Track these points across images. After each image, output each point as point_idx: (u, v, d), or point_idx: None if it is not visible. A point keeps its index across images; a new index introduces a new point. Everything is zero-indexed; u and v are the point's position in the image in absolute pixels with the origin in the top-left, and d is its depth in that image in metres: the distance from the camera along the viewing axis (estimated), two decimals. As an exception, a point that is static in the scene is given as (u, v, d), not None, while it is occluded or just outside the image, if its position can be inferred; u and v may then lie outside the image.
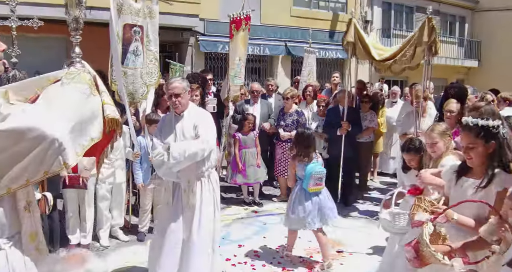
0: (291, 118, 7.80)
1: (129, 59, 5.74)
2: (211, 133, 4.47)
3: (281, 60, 16.86)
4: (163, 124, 4.65)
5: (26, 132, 1.94)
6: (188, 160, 4.26)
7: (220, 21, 14.81)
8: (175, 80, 4.53)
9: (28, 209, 2.26)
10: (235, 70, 7.79)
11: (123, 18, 5.60)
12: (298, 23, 16.87)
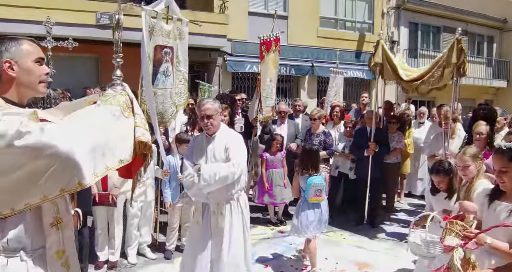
0: (318, 139, 7.79)
1: (159, 80, 5.84)
2: (242, 156, 4.48)
3: (307, 80, 16.92)
4: (195, 145, 4.66)
5: (42, 149, 1.92)
6: (218, 183, 4.26)
7: (247, 41, 15.03)
8: (207, 101, 4.55)
9: (56, 226, 2.25)
10: (267, 91, 7.85)
11: (154, 40, 5.72)
12: (324, 43, 16.95)
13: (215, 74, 14.91)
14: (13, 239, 2.15)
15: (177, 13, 6.07)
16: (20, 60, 2.20)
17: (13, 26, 11.09)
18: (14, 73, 2.19)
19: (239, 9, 15.15)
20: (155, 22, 5.70)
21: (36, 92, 2.31)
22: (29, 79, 2.23)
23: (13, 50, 2.20)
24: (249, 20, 15.49)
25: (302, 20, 16.37)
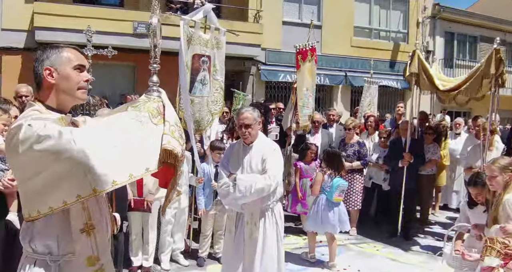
0: (352, 149, 7.74)
1: (197, 88, 5.92)
2: (279, 168, 4.40)
3: (340, 90, 16.85)
4: (231, 153, 4.60)
5: (60, 153, 1.94)
6: (254, 196, 4.20)
7: (281, 50, 15.09)
8: (246, 110, 4.49)
9: (87, 232, 2.25)
10: (303, 100, 7.87)
11: (192, 49, 5.81)
12: (358, 53, 16.87)
13: (249, 83, 15.00)
14: (40, 243, 2.19)
15: (215, 23, 6.16)
16: (59, 67, 2.26)
17: (55, 35, 11.47)
18: (53, 80, 2.25)
19: (273, 18, 15.24)
20: (193, 32, 5.79)
21: (75, 99, 2.34)
22: (67, 86, 2.28)
23: (53, 58, 2.27)
24: (283, 29, 15.56)
25: (336, 30, 16.35)
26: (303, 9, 16.30)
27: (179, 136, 2.34)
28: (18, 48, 12.82)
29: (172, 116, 2.36)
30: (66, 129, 2.00)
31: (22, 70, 12.62)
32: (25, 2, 12.64)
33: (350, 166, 7.60)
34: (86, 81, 2.33)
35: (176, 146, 2.27)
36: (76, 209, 2.19)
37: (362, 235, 7.70)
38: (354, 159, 7.66)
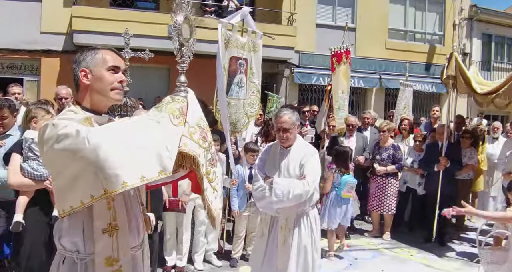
0: (387, 152, 7.66)
1: (233, 90, 5.97)
2: (317, 174, 4.27)
3: (374, 92, 16.69)
4: (267, 155, 4.51)
5: (75, 152, 1.95)
6: (291, 201, 4.10)
7: (314, 53, 15.05)
8: (285, 113, 4.33)
9: (110, 232, 2.22)
10: (339, 103, 7.84)
11: (230, 51, 5.86)
12: (393, 55, 16.67)
13: (282, 85, 15.02)
14: (68, 240, 2.24)
15: (252, 26, 6.20)
16: (94, 68, 2.30)
17: (93, 38, 11.72)
18: (88, 81, 2.30)
19: (307, 21, 15.21)
20: (231, 35, 5.84)
21: (108, 99, 2.34)
22: (101, 86, 2.30)
23: (89, 59, 2.31)
24: (317, 32, 15.53)
25: (370, 32, 16.21)
26: (337, 12, 16.23)
27: (199, 139, 2.26)
28: (57, 51, 13.15)
29: (195, 117, 2.30)
30: (84, 129, 2.01)
31: (60, 72, 12.95)
32: (64, 6, 12.98)
33: (384, 170, 7.53)
34: (120, 82, 2.34)
35: (193, 148, 2.20)
36: (100, 209, 2.18)
37: (396, 239, 7.61)
38: (389, 162, 7.58)
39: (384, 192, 7.61)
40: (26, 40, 12.79)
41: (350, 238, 7.56)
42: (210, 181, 2.35)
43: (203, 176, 2.28)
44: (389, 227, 7.78)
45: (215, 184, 2.40)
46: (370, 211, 8.00)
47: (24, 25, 12.74)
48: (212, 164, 2.35)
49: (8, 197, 4.23)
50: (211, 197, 2.36)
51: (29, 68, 13.47)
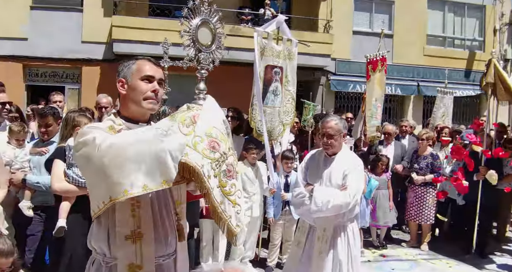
0: (425, 161, 7.50)
1: (269, 98, 5.99)
2: (360, 186, 4.19)
3: (412, 100, 16.41)
4: (311, 163, 4.44)
5: (88, 158, 2.05)
6: (330, 211, 4.03)
7: (351, 60, 14.95)
8: (332, 119, 4.29)
9: (133, 239, 2.23)
10: (372, 111, 7.76)
11: (265, 60, 5.89)
12: (431, 62, 16.37)
13: (318, 93, 14.95)
14: (96, 244, 2.30)
15: (287, 34, 6.22)
16: (129, 78, 2.36)
17: (132, 47, 12.01)
18: (124, 91, 2.38)
19: (344, 28, 15.14)
20: (266, 43, 5.86)
21: (141, 108, 2.37)
22: (134, 96, 2.35)
23: (125, 70, 2.38)
24: (353, 39, 15.42)
25: (408, 38, 15.98)
26: (373, 18, 16.08)
27: (205, 149, 2.16)
28: (97, 60, 13.49)
29: (205, 126, 2.22)
30: (102, 137, 2.08)
31: (100, 81, 13.28)
32: (104, 15, 13.32)
33: (422, 179, 7.39)
34: (154, 92, 2.36)
35: (194, 159, 2.11)
36: (123, 215, 2.22)
37: (434, 250, 7.43)
38: (427, 171, 7.43)
39: (422, 201, 7.46)
40: (67, 49, 13.19)
41: (387, 247, 7.44)
42: (227, 194, 2.23)
43: (211, 188, 2.15)
44: (427, 237, 7.61)
45: (235, 198, 2.27)
46: (408, 220, 7.84)
47: (66, 34, 13.14)
48: (228, 176, 2.24)
49: (49, 202, 4.34)
50: (230, 212, 2.23)
51: (70, 76, 13.86)
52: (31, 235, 4.63)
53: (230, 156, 2.28)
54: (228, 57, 12.49)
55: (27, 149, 4.81)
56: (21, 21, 12.99)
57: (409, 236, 7.97)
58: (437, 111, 10.28)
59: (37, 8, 13.19)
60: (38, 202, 4.49)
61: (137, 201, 2.22)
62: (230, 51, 12.43)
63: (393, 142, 8.07)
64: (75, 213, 3.97)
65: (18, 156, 4.69)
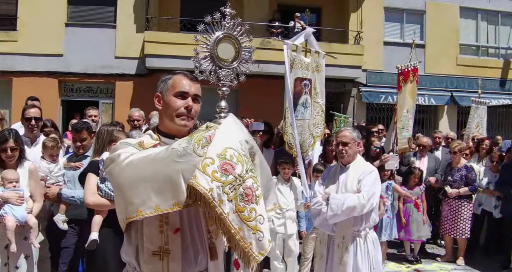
0: (459, 174, 7.32)
1: (299, 111, 5.99)
2: (375, 190, 4.22)
3: (446, 110, 16.13)
4: (328, 174, 4.56)
5: (110, 175, 2.15)
6: (345, 214, 4.07)
7: (382, 71, 14.84)
8: (345, 128, 4.51)
9: (160, 255, 2.22)
10: (403, 122, 7.65)
11: (295, 72, 5.91)
12: (465, 72, 16.09)
13: (350, 105, 14.86)
14: (126, 257, 2.32)
15: (315, 46, 6.23)
16: (164, 94, 2.35)
17: (165, 62, 12.23)
18: (160, 106, 2.38)
19: (374, 39, 15.04)
20: (295, 55, 5.89)
21: (174, 124, 2.33)
22: (168, 112, 2.33)
23: (162, 85, 2.37)
24: (385, 49, 15.31)
25: (440, 48, 15.77)
26: (405, 29, 15.95)
27: (215, 171, 2.04)
28: (130, 75, 13.77)
29: (219, 146, 2.10)
30: (125, 154, 2.12)
31: (133, 95, 13.54)
32: (136, 31, 13.62)
33: (457, 192, 7.21)
34: (186, 108, 2.31)
35: (201, 182, 2.00)
36: (151, 231, 2.21)
37: (470, 265, 7.21)
38: (461, 184, 7.24)
39: (457, 215, 7.27)
40: (101, 64, 13.51)
41: (421, 262, 7.27)
42: (245, 219, 2.08)
43: (224, 213, 2.03)
44: (463, 251, 7.40)
45: (256, 223, 2.10)
46: (443, 234, 7.66)
47: (99, 50, 13.47)
48: (247, 201, 2.09)
49: (83, 215, 4.41)
50: (250, 239, 2.09)
51: (104, 91, 14.17)
52: (65, 248, 4.70)
53: (249, 178, 2.12)
54: (258, 70, 12.69)
55: (61, 163, 4.91)
56: (57, 38, 13.37)
57: (444, 250, 7.78)
58: (472, 122, 10.06)
59: (72, 25, 13.59)
60: (72, 215, 4.56)
61: (165, 217, 2.20)
62: (260, 64, 12.54)
63: (427, 155, 7.92)
64: (107, 227, 4.01)
65: (53, 170, 4.79)
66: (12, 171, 4.26)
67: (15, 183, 4.20)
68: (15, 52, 13.14)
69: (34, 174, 4.44)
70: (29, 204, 4.29)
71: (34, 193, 4.38)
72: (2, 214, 4.07)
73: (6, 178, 4.18)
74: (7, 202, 4.11)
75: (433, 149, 8.38)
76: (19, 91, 12.22)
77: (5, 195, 4.11)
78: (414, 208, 7.15)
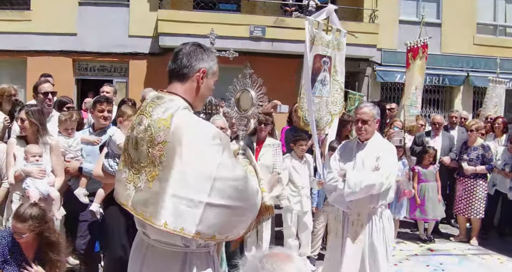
0: (475, 153, 7.27)
1: (317, 88, 5.97)
2: (393, 168, 4.25)
3: (461, 91, 15.93)
4: (344, 150, 4.52)
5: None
6: (363, 192, 4.07)
7: (397, 51, 14.63)
8: (365, 105, 4.42)
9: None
10: (411, 100, 7.60)
11: (315, 49, 5.88)
12: (482, 51, 15.77)
13: (364, 84, 14.73)
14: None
15: (337, 24, 6.18)
16: (210, 75, 2.43)
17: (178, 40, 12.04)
18: (200, 82, 2.42)
19: (390, 17, 14.80)
20: (316, 32, 5.85)
21: (199, 105, 2.55)
22: (204, 93, 2.48)
23: (212, 64, 2.45)
24: (400, 28, 15.08)
25: (457, 27, 15.47)
26: (421, 7, 15.66)
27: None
28: (144, 53, 13.73)
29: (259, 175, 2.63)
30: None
31: (147, 74, 13.53)
32: (150, 10, 13.54)
33: (473, 170, 7.17)
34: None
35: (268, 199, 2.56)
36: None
37: (484, 246, 7.21)
38: (478, 163, 7.20)
39: (471, 194, 7.25)
40: (115, 43, 13.48)
41: (435, 242, 7.29)
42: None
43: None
44: (477, 232, 7.40)
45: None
46: (457, 214, 7.65)
47: (113, 29, 13.43)
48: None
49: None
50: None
51: (118, 70, 14.17)
52: (84, 221, 4.77)
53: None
54: (272, 49, 12.59)
55: (79, 138, 4.96)
56: (70, 17, 13.36)
57: (457, 230, 7.79)
58: (489, 102, 9.95)
59: (86, 4, 13.54)
60: (91, 189, 4.62)
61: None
62: (274, 43, 12.46)
63: (441, 133, 7.87)
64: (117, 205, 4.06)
65: (71, 145, 4.85)
66: (36, 145, 4.36)
67: (38, 158, 4.28)
68: (29, 32, 13.14)
69: (56, 149, 4.51)
70: (51, 178, 4.37)
71: (55, 168, 4.47)
72: (25, 187, 4.16)
73: (29, 152, 4.27)
74: (29, 175, 4.19)
75: (448, 129, 8.33)
76: (33, 70, 12.23)
77: (27, 169, 4.20)
78: (429, 188, 7.14)
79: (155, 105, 2.34)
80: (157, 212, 2.20)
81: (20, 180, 4.21)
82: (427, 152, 7.19)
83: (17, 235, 3.48)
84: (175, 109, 2.29)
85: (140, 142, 2.32)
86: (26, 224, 3.41)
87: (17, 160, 4.30)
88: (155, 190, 2.23)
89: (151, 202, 2.23)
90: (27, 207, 3.51)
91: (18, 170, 4.21)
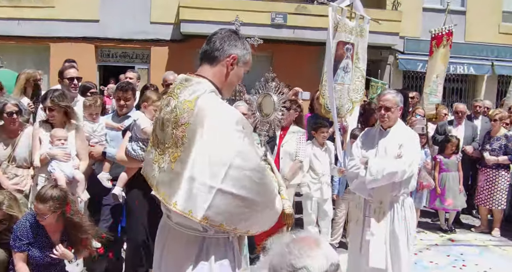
0: (498, 143, 7.17)
1: (339, 75, 5.94)
2: (416, 156, 4.21)
3: (486, 80, 15.67)
4: (366, 137, 4.49)
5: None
6: (385, 179, 4.04)
7: (420, 39, 14.43)
8: (388, 92, 4.37)
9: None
10: (431, 88, 7.51)
11: (338, 36, 5.85)
12: (507, 40, 15.48)
13: (386, 72, 14.58)
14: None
15: (360, 11, 6.12)
16: (241, 63, 2.43)
17: (199, 27, 12.15)
18: (230, 69, 2.41)
19: (413, 5, 14.58)
20: (340, 18, 5.80)
21: (228, 92, 2.55)
22: (233, 82, 2.48)
23: (244, 53, 2.44)
24: (424, 16, 14.84)
25: (482, 15, 15.17)
26: (445, -6, 15.41)
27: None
28: (166, 40, 13.77)
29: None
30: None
31: (169, 61, 13.59)
32: (172, -4, 13.54)
33: (495, 160, 7.07)
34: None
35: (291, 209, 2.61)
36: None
37: (506, 237, 7.14)
38: (500, 153, 7.10)
39: (493, 185, 7.16)
40: (137, 30, 13.54)
41: (456, 232, 7.24)
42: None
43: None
44: (498, 223, 7.32)
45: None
46: (478, 205, 7.58)
47: (135, 16, 13.48)
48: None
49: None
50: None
51: (140, 56, 14.25)
52: (107, 205, 4.81)
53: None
54: (293, 36, 12.51)
55: (103, 123, 5.03)
56: (93, 3, 13.43)
57: (479, 221, 7.71)
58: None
59: (108, -10, 13.61)
60: (115, 174, 4.67)
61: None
62: (295, 30, 12.38)
63: (464, 123, 7.77)
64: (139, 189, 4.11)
65: (96, 130, 4.92)
66: (61, 129, 4.43)
67: (63, 141, 4.35)
68: (51, 18, 13.24)
69: (81, 134, 4.58)
70: (76, 162, 4.44)
71: (80, 152, 4.54)
72: (51, 170, 4.24)
73: (55, 136, 4.34)
74: (54, 158, 4.26)
75: (472, 118, 8.21)
76: (56, 56, 12.35)
77: (52, 152, 4.27)
78: (450, 177, 7.08)
79: (183, 87, 2.35)
80: (174, 192, 2.23)
81: (45, 163, 4.29)
82: (450, 141, 7.11)
83: (39, 217, 3.55)
84: (201, 92, 2.30)
85: (166, 123, 2.34)
86: (46, 204, 3.47)
87: (43, 144, 4.38)
88: (177, 170, 2.24)
89: (172, 183, 2.26)
90: (48, 188, 3.58)
91: (44, 153, 4.29)
